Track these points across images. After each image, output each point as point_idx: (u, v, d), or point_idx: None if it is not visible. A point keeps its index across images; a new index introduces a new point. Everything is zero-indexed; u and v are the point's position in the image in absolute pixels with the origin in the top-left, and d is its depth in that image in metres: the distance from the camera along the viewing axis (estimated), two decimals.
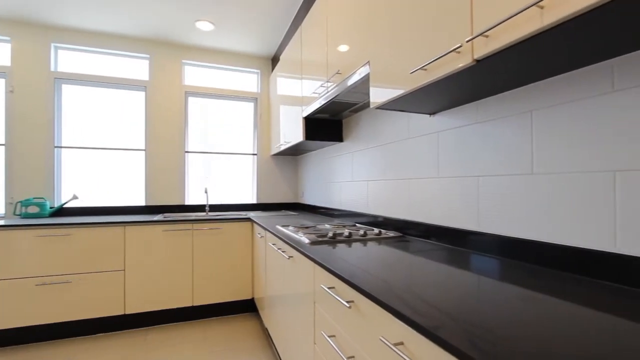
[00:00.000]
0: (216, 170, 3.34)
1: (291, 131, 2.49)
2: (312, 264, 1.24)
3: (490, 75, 0.92)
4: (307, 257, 1.22)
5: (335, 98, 1.70)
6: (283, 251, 1.67)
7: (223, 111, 3.38)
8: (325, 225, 1.93)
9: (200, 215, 3.02)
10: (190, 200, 3.21)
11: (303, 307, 1.36)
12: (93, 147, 2.93)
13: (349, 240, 1.46)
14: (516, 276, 0.88)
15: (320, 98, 1.85)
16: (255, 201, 3.43)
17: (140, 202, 3.04)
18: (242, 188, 3.43)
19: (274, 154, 3.31)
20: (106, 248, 2.33)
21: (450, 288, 0.78)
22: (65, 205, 2.78)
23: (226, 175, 3.38)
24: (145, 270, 2.42)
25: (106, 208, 2.88)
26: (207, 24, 2.76)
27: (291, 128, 2.49)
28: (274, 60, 3.42)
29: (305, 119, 2.21)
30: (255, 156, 3.45)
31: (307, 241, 1.43)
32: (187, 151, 3.21)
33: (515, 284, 0.81)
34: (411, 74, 1.02)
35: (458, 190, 1.29)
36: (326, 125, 2.28)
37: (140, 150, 3.05)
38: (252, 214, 2.90)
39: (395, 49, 1.12)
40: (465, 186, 1.25)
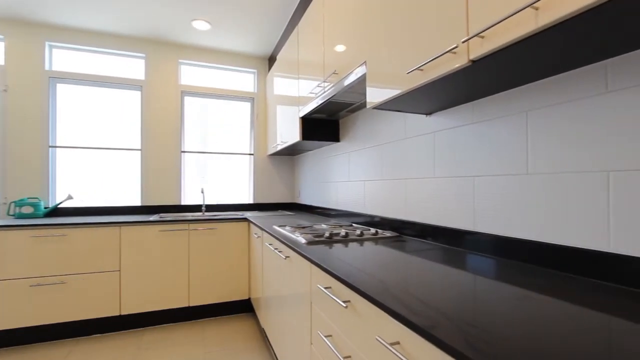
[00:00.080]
0: (213, 170, 3.33)
1: (288, 131, 2.48)
2: (309, 264, 1.24)
3: (486, 76, 0.93)
4: (304, 257, 1.22)
5: (332, 98, 1.70)
6: (280, 251, 1.67)
7: (220, 111, 3.36)
8: (321, 225, 1.93)
9: (197, 215, 3.01)
10: (187, 201, 3.20)
11: (300, 307, 1.36)
12: (88, 147, 2.91)
13: (345, 240, 1.46)
14: (512, 275, 0.88)
15: (317, 98, 1.85)
16: (252, 201, 3.43)
17: (136, 202, 3.02)
18: (238, 188, 3.43)
19: (271, 154, 3.30)
20: (101, 248, 2.32)
21: (447, 288, 0.79)
22: (60, 206, 2.75)
23: (223, 175, 3.37)
24: (141, 271, 2.41)
25: (101, 208, 2.86)
26: (204, 23, 2.75)
27: (288, 128, 2.48)
28: (271, 60, 3.42)
29: (302, 119, 2.21)
30: (252, 156, 3.44)
31: (304, 241, 1.43)
32: (184, 151, 3.20)
33: (510, 283, 0.82)
34: (407, 74, 1.03)
35: (454, 190, 1.30)
36: (323, 125, 2.28)
37: (136, 150, 3.04)
38: (248, 214, 2.90)
39: (392, 49, 1.12)
40: (461, 186, 1.26)
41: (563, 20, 0.60)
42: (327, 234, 1.50)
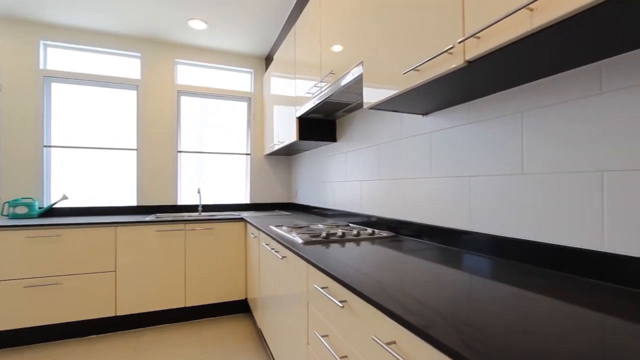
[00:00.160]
0: (209, 170, 3.32)
1: (285, 131, 2.48)
2: (306, 264, 1.24)
3: (482, 76, 0.93)
4: (301, 257, 1.22)
5: (328, 98, 1.70)
6: (276, 251, 1.66)
7: (216, 111, 3.35)
8: (318, 225, 1.93)
9: (193, 215, 3.00)
10: (183, 201, 3.18)
11: (296, 307, 1.36)
12: (83, 147, 2.89)
13: (342, 240, 1.47)
14: (507, 275, 0.89)
15: (313, 98, 1.85)
16: (248, 201, 3.42)
17: (131, 202, 3.00)
18: (235, 188, 3.42)
19: (268, 154, 3.30)
20: (97, 249, 2.30)
21: (443, 287, 0.79)
22: (55, 206, 2.73)
23: (219, 175, 3.36)
24: (137, 271, 2.39)
25: (97, 208, 2.84)
26: (200, 22, 2.74)
27: (285, 128, 2.48)
28: (268, 59, 3.41)
29: (299, 119, 2.21)
30: (249, 156, 3.43)
31: (301, 241, 1.43)
32: (180, 151, 3.19)
33: (506, 282, 0.82)
34: (404, 74, 1.03)
35: (450, 190, 1.30)
36: (320, 125, 2.28)
37: (132, 149, 3.02)
38: (245, 214, 2.89)
39: (389, 49, 1.13)
40: (458, 186, 1.26)
41: (557, 22, 0.61)
42: (323, 234, 1.50)
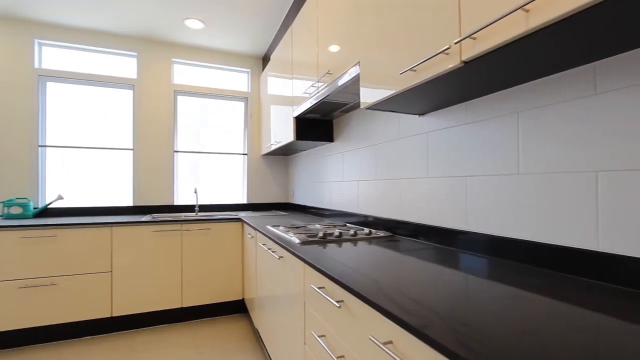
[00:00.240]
0: (206, 170, 3.31)
1: (282, 131, 2.48)
2: (303, 264, 1.24)
3: (478, 77, 0.94)
4: (298, 257, 1.22)
5: (325, 98, 1.70)
6: (273, 251, 1.66)
7: (213, 110, 3.34)
8: (315, 225, 1.93)
9: (190, 215, 2.99)
10: (180, 201, 3.17)
11: (293, 307, 1.36)
12: (79, 147, 2.86)
13: (339, 240, 1.47)
14: (504, 275, 0.89)
15: (310, 98, 1.85)
16: (245, 201, 3.41)
17: (128, 202, 2.99)
18: (232, 188, 3.41)
19: (265, 154, 3.29)
20: (92, 249, 2.28)
21: (439, 287, 0.79)
22: (50, 206, 2.71)
23: (216, 175, 3.35)
24: (133, 272, 2.38)
25: (92, 208, 2.82)
26: (197, 22, 2.73)
27: (282, 128, 2.48)
28: (265, 59, 3.41)
29: (296, 118, 2.21)
30: (246, 156, 3.43)
31: (298, 241, 1.43)
32: (177, 150, 3.17)
33: (502, 282, 0.83)
34: (401, 74, 1.03)
35: (447, 190, 1.30)
36: (317, 125, 2.28)
37: (128, 149, 3.00)
38: (242, 214, 2.88)
39: (385, 50, 1.13)
40: (454, 186, 1.27)
41: (553, 23, 0.61)
42: (320, 234, 1.50)
